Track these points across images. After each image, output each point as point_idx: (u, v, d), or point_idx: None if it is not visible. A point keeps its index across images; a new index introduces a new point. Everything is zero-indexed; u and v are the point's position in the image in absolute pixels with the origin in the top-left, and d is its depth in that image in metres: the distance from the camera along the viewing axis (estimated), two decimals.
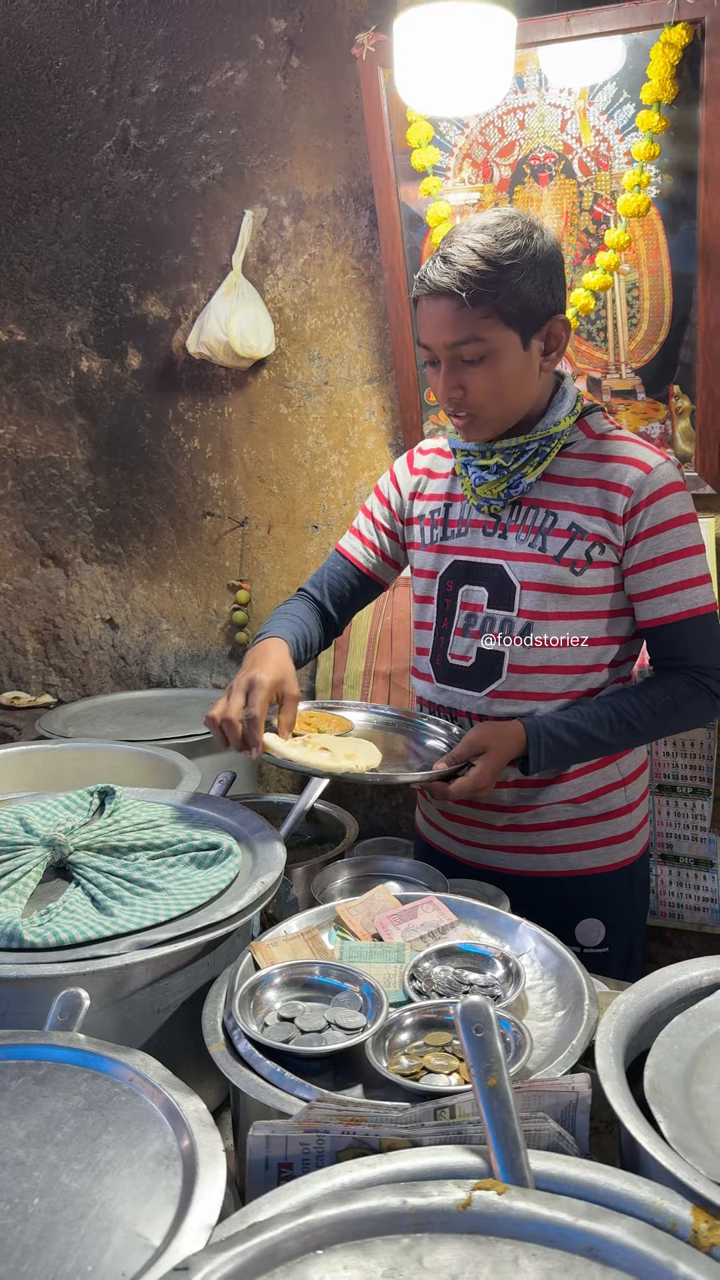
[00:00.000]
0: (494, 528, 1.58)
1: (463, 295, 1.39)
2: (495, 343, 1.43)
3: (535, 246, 1.42)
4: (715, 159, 1.87)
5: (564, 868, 1.64)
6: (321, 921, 1.25)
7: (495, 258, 1.40)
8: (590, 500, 1.51)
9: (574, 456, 1.54)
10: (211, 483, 2.78)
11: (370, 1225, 0.77)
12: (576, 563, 1.52)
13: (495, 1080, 0.82)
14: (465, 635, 1.61)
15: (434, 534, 1.65)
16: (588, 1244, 0.76)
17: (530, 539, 1.54)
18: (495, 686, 1.58)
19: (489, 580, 1.58)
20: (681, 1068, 0.97)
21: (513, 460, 1.53)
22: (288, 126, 2.48)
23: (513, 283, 1.40)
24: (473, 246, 1.40)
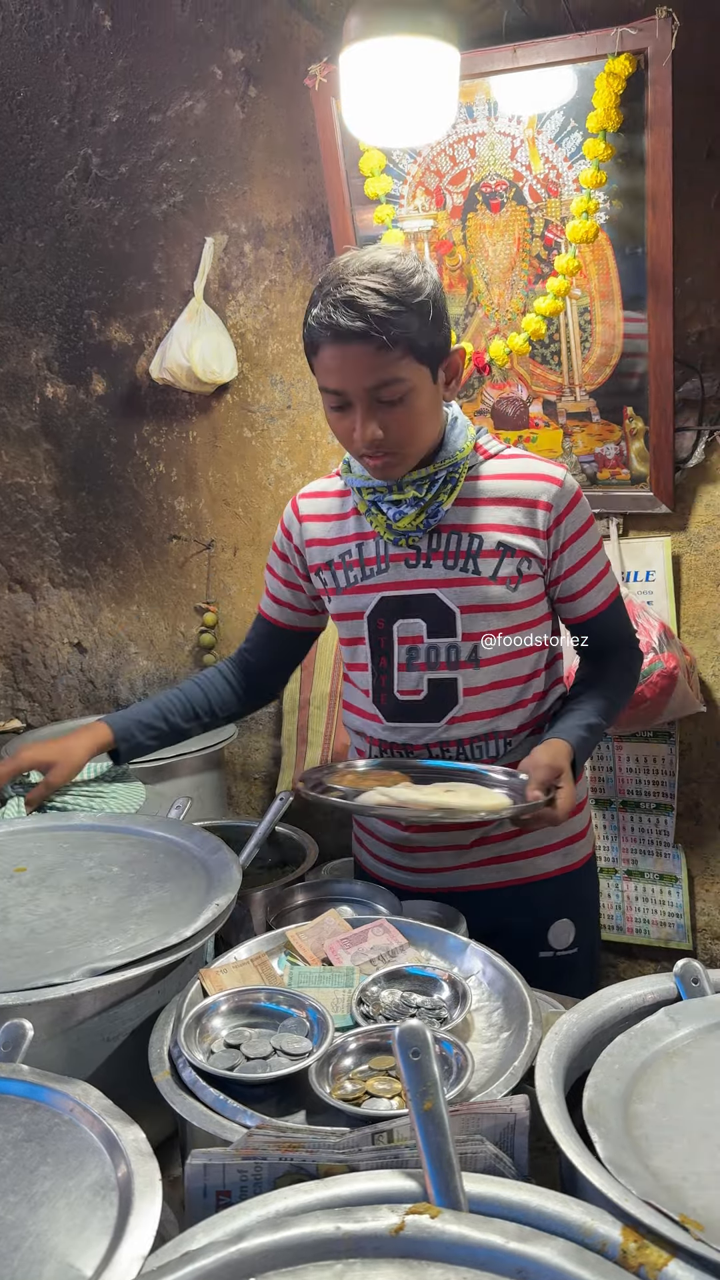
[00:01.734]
0: (416, 558, 1.58)
1: (382, 338, 1.38)
2: (412, 380, 1.43)
3: (431, 281, 1.44)
4: (661, 185, 1.91)
5: (533, 872, 1.67)
6: (272, 947, 1.25)
7: (403, 296, 1.39)
8: (516, 519, 1.55)
9: (479, 478, 1.57)
10: (177, 506, 2.79)
11: (303, 1252, 0.78)
12: (511, 579, 1.56)
13: (431, 1104, 0.83)
14: (410, 669, 1.60)
15: (350, 576, 1.63)
16: (518, 1266, 0.77)
17: (459, 563, 1.56)
18: (454, 713, 1.60)
19: (424, 611, 1.58)
20: (621, 1087, 0.97)
21: (426, 491, 1.53)
22: (247, 155, 2.51)
23: (422, 319, 1.41)
24: (377, 288, 1.39)
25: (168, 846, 1.47)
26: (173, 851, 1.46)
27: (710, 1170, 0.86)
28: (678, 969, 1.11)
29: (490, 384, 2.24)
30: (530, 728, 1.64)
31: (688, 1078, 0.99)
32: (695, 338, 2.11)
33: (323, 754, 2.50)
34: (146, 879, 1.36)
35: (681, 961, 1.11)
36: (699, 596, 2.21)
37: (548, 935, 1.67)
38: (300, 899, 1.49)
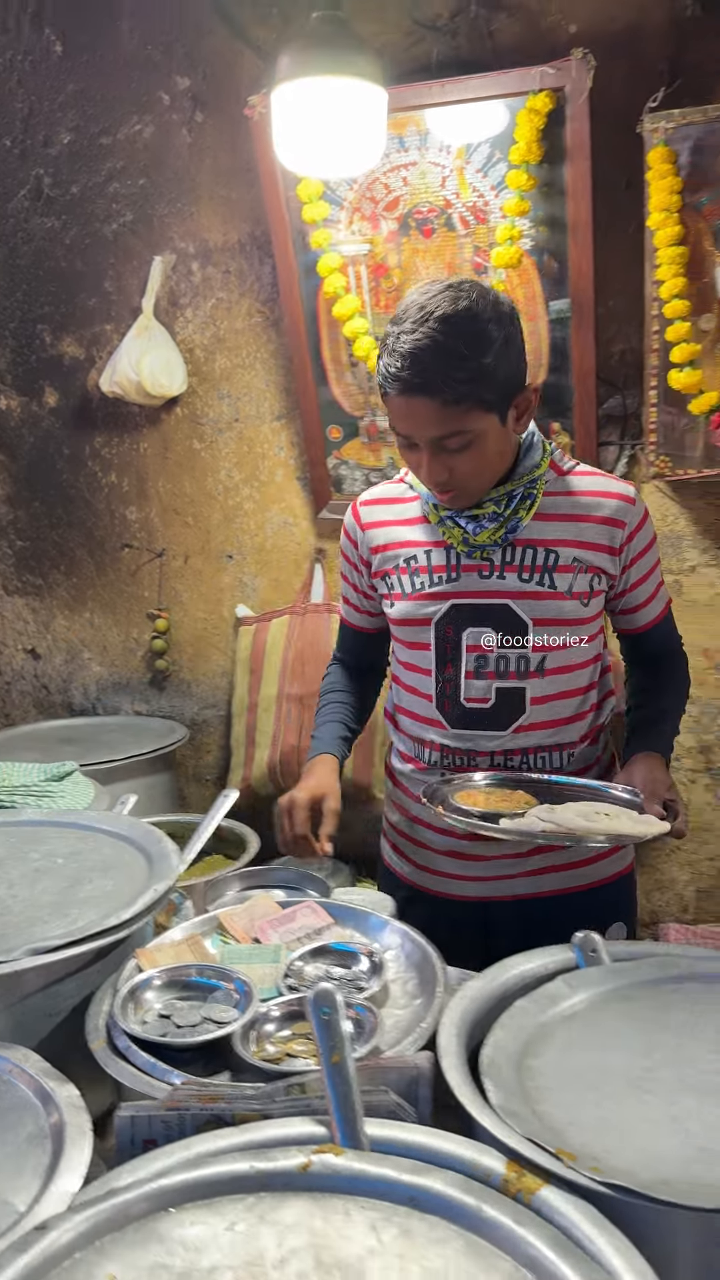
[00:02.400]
0: (489, 570, 1.58)
1: (446, 398, 1.38)
2: (478, 430, 1.44)
3: (502, 324, 1.41)
4: (581, 214, 2.02)
5: (589, 879, 1.68)
6: (206, 928, 1.34)
7: (472, 351, 1.38)
8: (592, 536, 1.57)
9: (554, 494, 1.59)
10: (129, 515, 2.87)
11: (219, 1187, 0.87)
12: (584, 595, 1.58)
13: (339, 1057, 0.92)
14: (479, 678, 1.61)
15: (417, 581, 1.63)
16: (409, 1195, 0.86)
17: (535, 577, 1.58)
18: (520, 722, 1.61)
19: (496, 620, 1.59)
20: (518, 1045, 1.07)
21: (504, 507, 1.55)
22: (194, 177, 2.60)
23: (489, 373, 1.40)
24: (444, 344, 1.37)
25: (112, 839, 1.55)
26: (116, 843, 1.54)
27: (592, 1117, 0.96)
28: (577, 940, 1.21)
29: None
30: (589, 738, 1.67)
31: (580, 1038, 1.09)
32: (618, 357, 2.23)
33: (271, 755, 2.58)
34: (90, 869, 1.44)
35: (580, 933, 1.21)
36: None
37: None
38: (237, 886, 1.57)
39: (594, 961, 1.20)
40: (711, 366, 2.04)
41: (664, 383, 2.08)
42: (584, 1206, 0.82)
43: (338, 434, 2.49)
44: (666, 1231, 0.83)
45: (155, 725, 2.79)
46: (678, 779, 2.36)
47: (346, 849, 2.74)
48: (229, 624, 2.82)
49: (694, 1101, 0.97)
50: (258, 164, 2.33)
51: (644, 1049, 1.06)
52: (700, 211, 2.01)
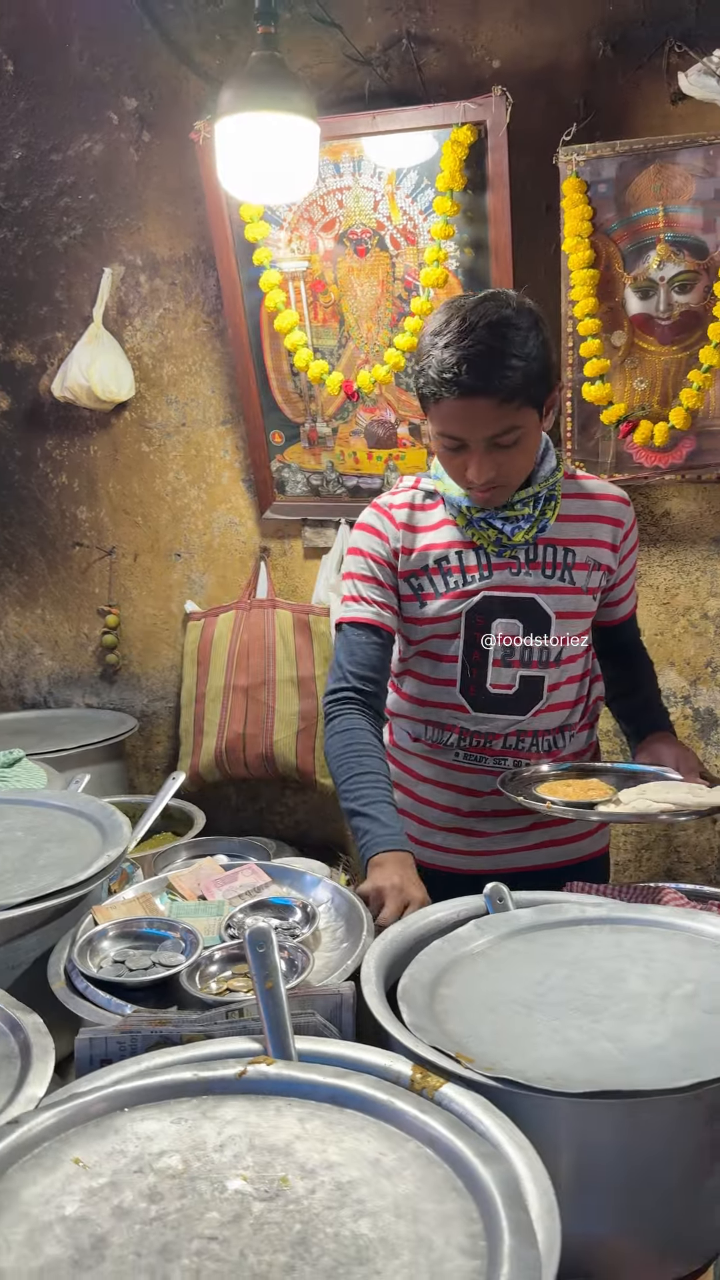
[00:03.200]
0: (517, 568, 1.70)
1: (504, 394, 1.49)
2: (526, 425, 1.55)
3: (539, 329, 1.53)
4: (500, 237, 2.19)
5: (579, 854, 1.83)
6: (156, 888, 1.48)
7: (526, 356, 1.50)
8: (602, 536, 1.73)
9: (567, 496, 1.73)
10: (79, 515, 2.99)
11: (167, 1091, 1.01)
12: (596, 590, 1.74)
13: (272, 984, 1.07)
14: (505, 665, 1.72)
15: (450, 581, 1.71)
16: (331, 1094, 1.01)
17: (556, 574, 1.71)
18: (538, 707, 1.74)
19: (523, 613, 1.70)
20: (431, 977, 1.22)
21: (534, 508, 1.67)
22: (141, 194, 2.72)
23: (533, 370, 1.51)
24: (494, 345, 1.48)
25: (67, 814, 1.67)
26: (72, 818, 1.66)
27: (490, 1032, 1.11)
28: (487, 890, 1.36)
29: (363, 408, 2.50)
30: (585, 722, 1.83)
31: (486, 971, 1.25)
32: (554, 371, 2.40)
33: (217, 744, 2.71)
34: (48, 840, 1.57)
35: (491, 884, 1.37)
36: None
37: None
38: (185, 854, 1.71)
39: (501, 909, 1.35)
40: (621, 380, 2.22)
41: (578, 395, 2.25)
42: (476, 1097, 0.97)
43: (280, 439, 2.64)
44: (549, 1117, 0.98)
45: (106, 717, 2.90)
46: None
47: (289, 830, 2.89)
48: (178, 619, 2.94)
49: (577, 1019, 1.12)
50: (202, 184, 2.46)
51: (539, 979, 1.21)
52: (611, 236, 2.19)
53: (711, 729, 2.51)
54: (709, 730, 2.51)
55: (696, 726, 2.52)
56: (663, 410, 2.22)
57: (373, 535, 1.76)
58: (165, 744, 3.04)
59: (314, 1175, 0.90)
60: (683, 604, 2.48)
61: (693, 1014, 1.11)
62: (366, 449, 2.54)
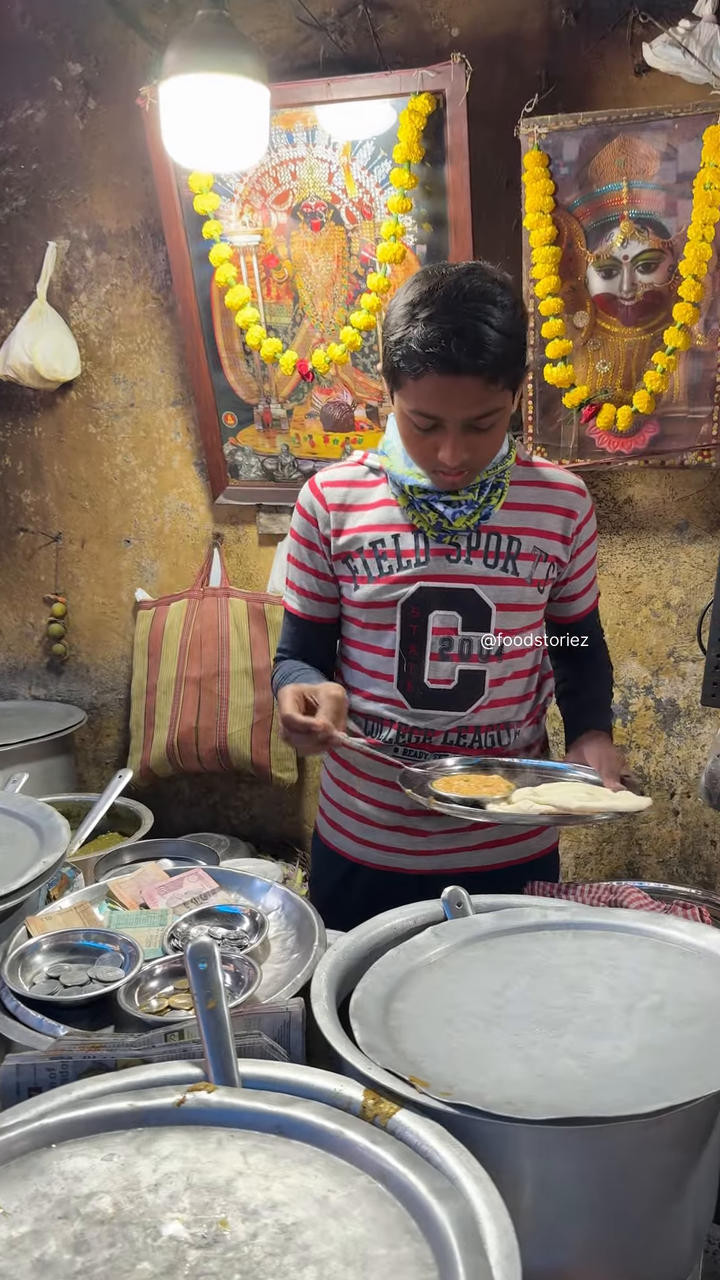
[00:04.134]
0: (456, 555, 1.60)
1: (491, 374, 1.40)
2: (505, 408, 1.48)
3: (516, 303, 1.45)
4: (461, 212, 2.11)
5: (522, 854, 1.74)
6: (94, 896, 1.39)
7: (513, 331, 1.42)
8: (550, 526, 1.62)
9: (517, 484, 1.62)
10: (24, 499, 2.88)
11: (98, 1124, 0.93)
12: (542, 582, 1.64)
13: (214, 1004, 0.99)
14: (443, 659, 1.63)
15: (384, 565, 1.63)
16: (276, 1123, 0.94)
17: (499, 563, 1.61)
18: (479, 703, 1.65)
19: (461, 604, 1.62)
20: (386, 990, 1.16)
21: (479, 494, 1.57)
22: (87, 164, 2.61)
23: (516, 350, 1.43)
24: (493, 323, 1.39)
25: (2, 815, 1.59)
26: (7, 820, 1.57)
27: (446, 1049, 1.05)
28: (445, 894, 1.30)
29: (319, 389, 2.42)
30: (532, 719, 1.74)
31: (443, 981, 1.18)
32: None
33: (169, 737, 2.63)
34: None
35: (449, 888, 1.30)
36: None
37: None
38: (128, 858, 1.63)
39: (459, 914, 1.29)
40: (583, 362, 2.16)
41: (540, 377, 2.18)
42: (432, 1125, 0.91)
43: (233, 420, 2.55)
44: (509, 1145, 0.92)
45: (54, 709, 2.80)
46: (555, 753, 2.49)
47: (244, 825, 2.82)
48: (127, 608, 2.85)
49: (538, 1034, 1.07)
50: (150, 153, 2.36)
51: (498, 989, 1.15)
52: (573, 213, 2.12)
53: (674, 720, 2.47)
54: (671, 721, 2.47)
55: (659, 717, 2.47)
56: (625, 394, 2.16)
57: (304, 518, 1.68)
58: (116, 737, 2.95)
59: (256, 1217, 0.83)
60: (645, 593, 2.43)
61: (659, 1028, 1.06)
62: (323, 432, 2.46)
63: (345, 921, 1.59)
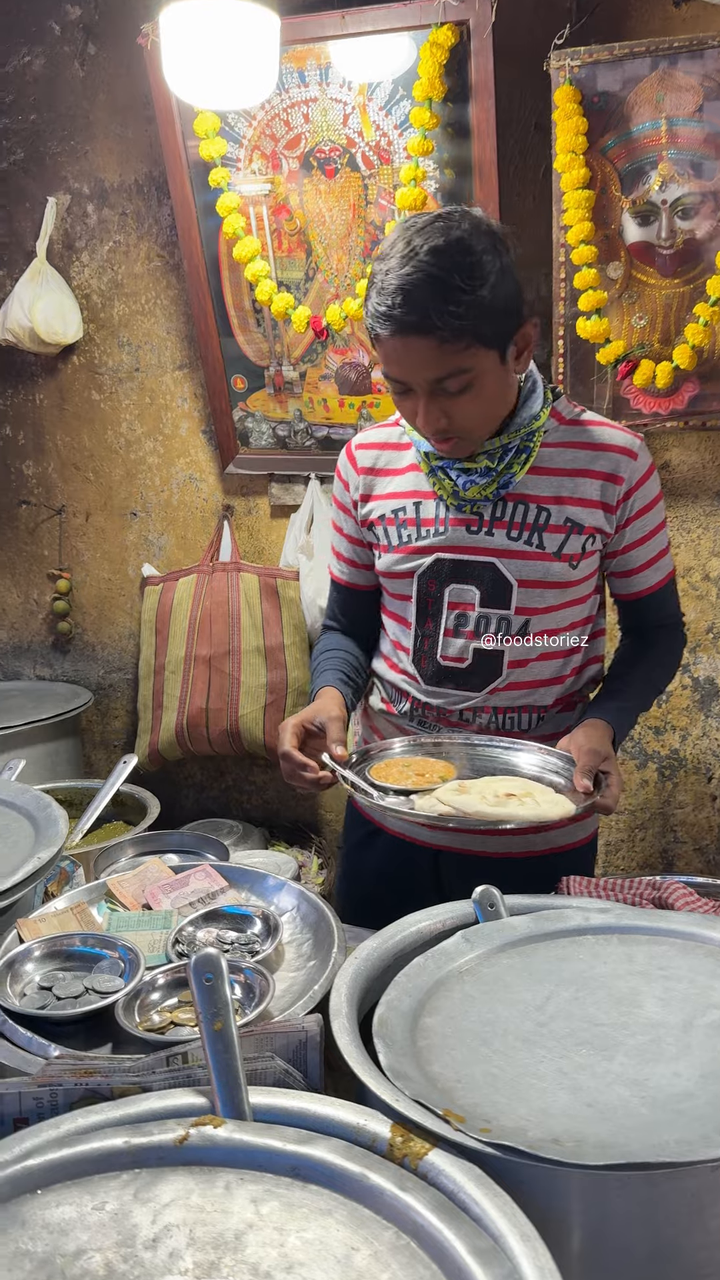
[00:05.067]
0: (478, 525, 1.49)
1: (444, 331, 1.28)
2: (479, 369, 1.33)
3: (498, 253, 1.31)
4: (486, 154, 1.97)
5: (542, 846, 1.61)
6: (92, 896, 1.28)
7: (468, 284, 1.27)
8: (588, 493, 1.47)
9: (552, 445, 1.48)
10: (25, 470, 2.75)
11: (91, 1166, 0.82)
12: (574, 557, 1.48)
13: (221, 1024, 0.88)
14: (458, 636, 1.53)
15: (404, 534, 1.54)
16: (292, 1165, 0.82)
17: (524, 536, 1.48)
18: (495, 685, 1.53)
19: (480, 579, 1.50)
20: (413, 1003, 1.04)
21: (498, 460, 1.45)
22: (88, 113, 2.47)
23: (486, 304, 1.29)
24: (439, 276, 1.27)
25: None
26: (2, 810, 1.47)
27: (483, 1073, 0.94)
28: (476, 895, 1.18)
29: (333, 349, 2.28)
30: (564, 704, 1.59)
31: (476, 993, 1.07)
32: (526, 306, 2.18)
33: (178, 719, 2.51)
34: None
35: (480, 888, 1.19)
36: None
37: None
38: (131, 852, 1.52)
39: (492, 916, 1.18)
40: (618, 316, 2.01)
41: (571, 332, 2.04)
42: (470, 1169, 0.79)
43: (242, 385, 2.41)
44: (557, 1190, 0.81)
45: (59, 690, 2.70)
46: None
47: (257, 810, 2.71)
48: (134, 584, 2.73)
49: (586, 1055, 0.95)
50: (153, 99, 2.22)
51: (539, 1003, 1.04)
52: (608, 155, 1.97)
53: (712, 699, 2.33)
54: (709, 701, 2.33)
55: (696, 697, 2.34)
56: (664, 349, 2.01)
57: (339, 482, 1.62)
58: (124, 718, 2.84)
59: None
60: (683, 564, 2.29)
61: None
62: (338, 395, 2.32)
63: (363, 885, 1.72)
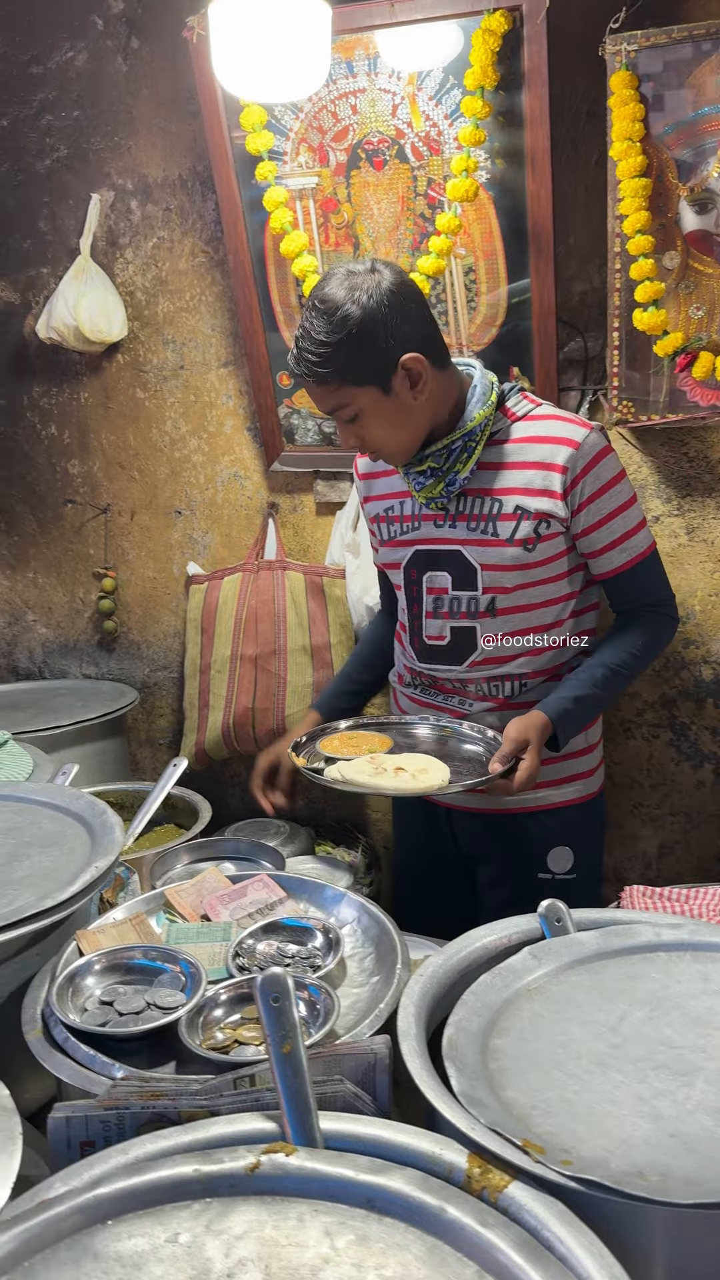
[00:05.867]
0: (444, 519, 1.72)
1: (317, 379, 1.57)
2: (359, 402, 1.58)
3: (362, 307, 1.52)
4: (540, 144, 1.92)
5: (535, 803, 1.80)
6: (150, 906, 1.26)
7: (331, 335, 1.53)
8: (532, 482, 1.65)
9: (504, 443, 1.68)
10: (71, 469, 2.75)
11: (161, 1194, 0.80)
12: (528, 540, 1.67)
13: (290, 1047, 0.86)
14: (436, 617, 1.76)
15: (391, 530, 1.80)
16: (367, 1196, 0.80)
17: (480, 525, 1.68)
18: (473, 658, 1.75)
19: (450, 565, 1.72)
20: (482, 1024, 1.01)
21: (443, 461, 1.66)
22: (131, 109, 2.45)
23: (348, 355, 1.53)
24: (312, 332, 1.54)
25: (52, 812, 1.47)
26: (57, 817, 1.46)
27: (558, 1098, 0.91)
28: (542, 909, 1.15)
29: None
30: (548, 674, 1.77)
31: (546, 1012, 1.04)
32: (579, 298, 2.14)
33: (224, 718, 2.50)
34: (29, 845, 1.36)
35: (546, 902, 1.15)
36: None
37: (547, 859, 1.82)
38: (186, 858, 1.50)
39: (559, 931, 1.15)
40: (674, 307, 1.96)
41: (627, 324, 1.98)
42: (553, 1204, 0.76)
43: (288, 381, 2.38)
44: (641, 1226, 0.78)
45: (105, 689, 2.69)
46: (640, 734, 2.32)
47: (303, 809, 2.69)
48: (179, 583, 2.71)
49: (664, 1080, 0.92)
50: (198, 92, 2.19)
51: (612, 1024, 1.01)
52: (664, 142, 1.91)
53: None
54: None
55: None
56: None
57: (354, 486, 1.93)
58: (169, 717, 2.83)
59: None
60: None
61: None
62: None
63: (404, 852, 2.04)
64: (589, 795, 1.86)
